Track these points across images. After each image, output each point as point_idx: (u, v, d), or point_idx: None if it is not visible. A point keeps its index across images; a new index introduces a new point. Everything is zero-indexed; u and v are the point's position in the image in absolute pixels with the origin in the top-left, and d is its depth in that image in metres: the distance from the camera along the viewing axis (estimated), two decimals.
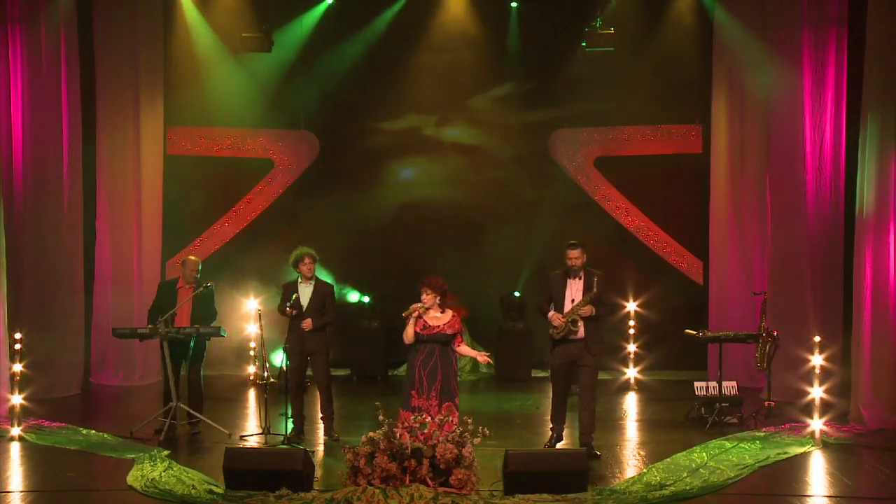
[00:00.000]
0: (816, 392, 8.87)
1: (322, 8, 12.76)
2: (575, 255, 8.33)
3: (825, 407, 9.01)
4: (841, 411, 9.58)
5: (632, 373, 12.02)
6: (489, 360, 8.01)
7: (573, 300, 8.31)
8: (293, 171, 13.05)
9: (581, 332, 8.25)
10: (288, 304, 8.86)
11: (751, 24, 11.33)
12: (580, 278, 8.34)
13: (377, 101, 13.23)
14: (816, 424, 8.78)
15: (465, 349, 8.03)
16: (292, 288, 8.99)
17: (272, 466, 7.09)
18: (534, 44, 12.93)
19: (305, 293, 8.97)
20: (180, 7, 12.44)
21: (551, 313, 8.33)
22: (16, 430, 8.81)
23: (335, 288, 9.30)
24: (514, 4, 12.87)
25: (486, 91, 13.21)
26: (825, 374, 9.03)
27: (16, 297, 10.24)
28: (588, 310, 8.21)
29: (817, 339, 9.01)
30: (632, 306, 12.06)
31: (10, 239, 10.24)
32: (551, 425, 8.58)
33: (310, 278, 9.00)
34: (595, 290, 8.21)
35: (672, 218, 12.92)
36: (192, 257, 9.61)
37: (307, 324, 8.85)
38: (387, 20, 12.84)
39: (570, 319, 8.22)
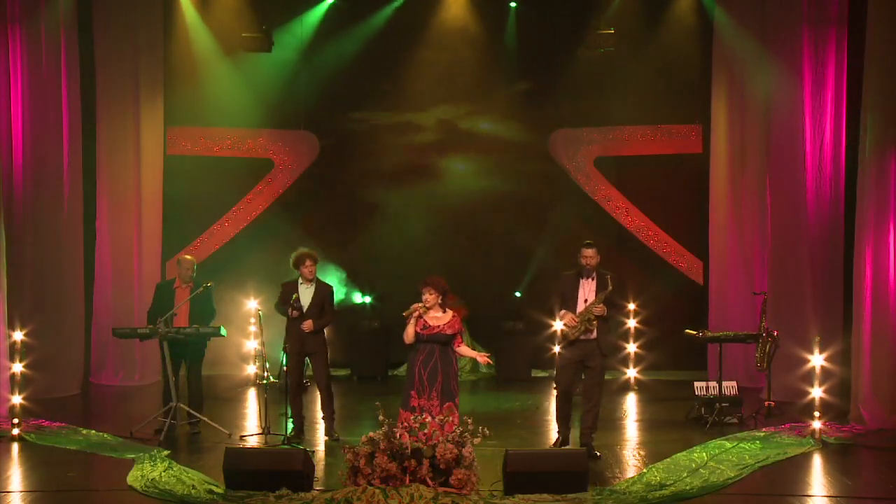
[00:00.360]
0: (816, 392, 8.86)
1: (322, 8, 12.78)
2: (590, 255, 8.33)
3: (825, 407, 8.99)
4: (841, 411, 9.58)
5: (632, 373, 12.01)
6: (489, 360, 8.03)
7: (586, 300, 8.31)
8: (293, 171, 13.06)
9: (594, 333, 8.26)
10: (292, 306, 8.82)
11: (751, 24, 11.33)
12: (593, 279, 8.34)
13: (377, 100, 13.25)
14: (816, 424, 8.77)
15: (464, 349, 8.03)
16: (292, 287, 8.93)
17: (272, 466, 7.09)
18: (534, 43, 12.95)
19: (306, 294, 8.93)
20: (180, 7, 12.44)
21: (563, 312, 8.33)
22: (16, 431, 8.80)
23: (342, 288, 9.26)
24: (512, 4, 12.88)
25: (486, 90, 13.21)
26: (825, 374, 9.01)
27: (16, 297, 10.21)
28: (601, 309, 8.21)
29: (817, 339, 9.00)
30: (632, 306, 12.05)
31: (10, 239, 10.24)
32: (558, 428, 8.56)
33: (311, 280, 8.98)
34: (611, 287, 8.21)
35: (672, 218, 12.93)
36: (188, 257, 9.58)
37: (308, 325, 8.82)
38: (386, 16, 12.84)
39: (584, 319, 8.22)
